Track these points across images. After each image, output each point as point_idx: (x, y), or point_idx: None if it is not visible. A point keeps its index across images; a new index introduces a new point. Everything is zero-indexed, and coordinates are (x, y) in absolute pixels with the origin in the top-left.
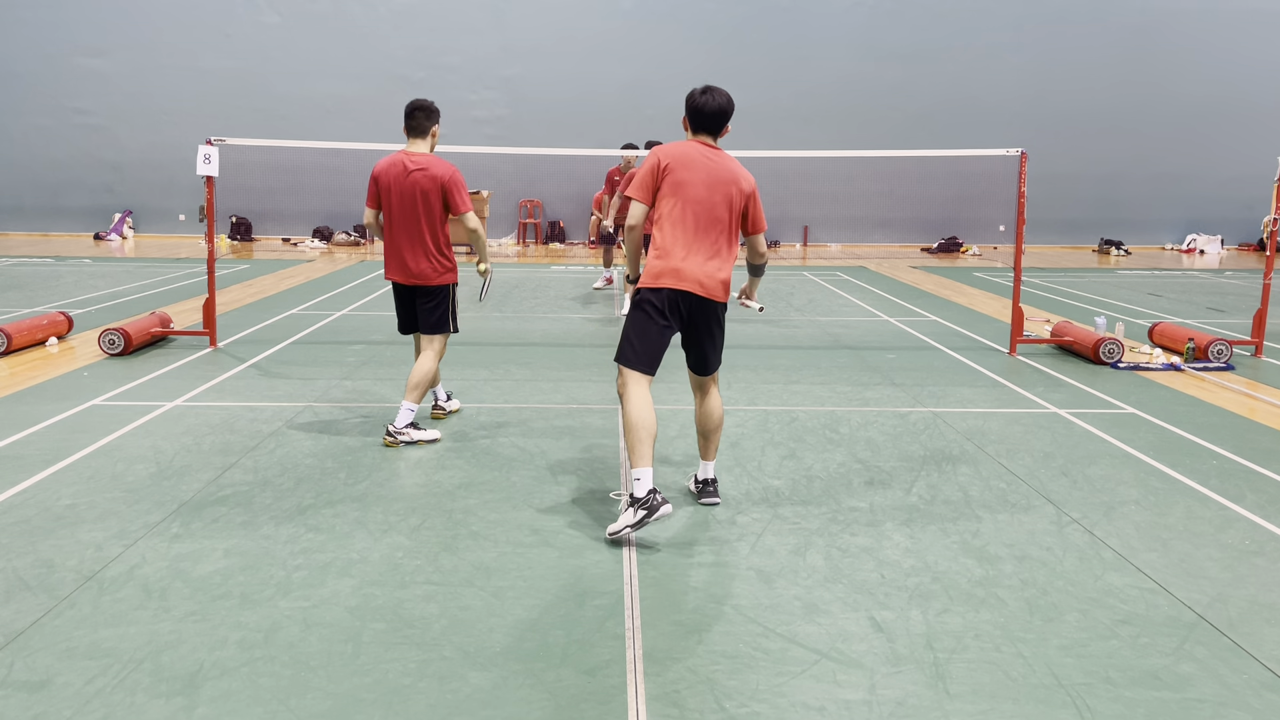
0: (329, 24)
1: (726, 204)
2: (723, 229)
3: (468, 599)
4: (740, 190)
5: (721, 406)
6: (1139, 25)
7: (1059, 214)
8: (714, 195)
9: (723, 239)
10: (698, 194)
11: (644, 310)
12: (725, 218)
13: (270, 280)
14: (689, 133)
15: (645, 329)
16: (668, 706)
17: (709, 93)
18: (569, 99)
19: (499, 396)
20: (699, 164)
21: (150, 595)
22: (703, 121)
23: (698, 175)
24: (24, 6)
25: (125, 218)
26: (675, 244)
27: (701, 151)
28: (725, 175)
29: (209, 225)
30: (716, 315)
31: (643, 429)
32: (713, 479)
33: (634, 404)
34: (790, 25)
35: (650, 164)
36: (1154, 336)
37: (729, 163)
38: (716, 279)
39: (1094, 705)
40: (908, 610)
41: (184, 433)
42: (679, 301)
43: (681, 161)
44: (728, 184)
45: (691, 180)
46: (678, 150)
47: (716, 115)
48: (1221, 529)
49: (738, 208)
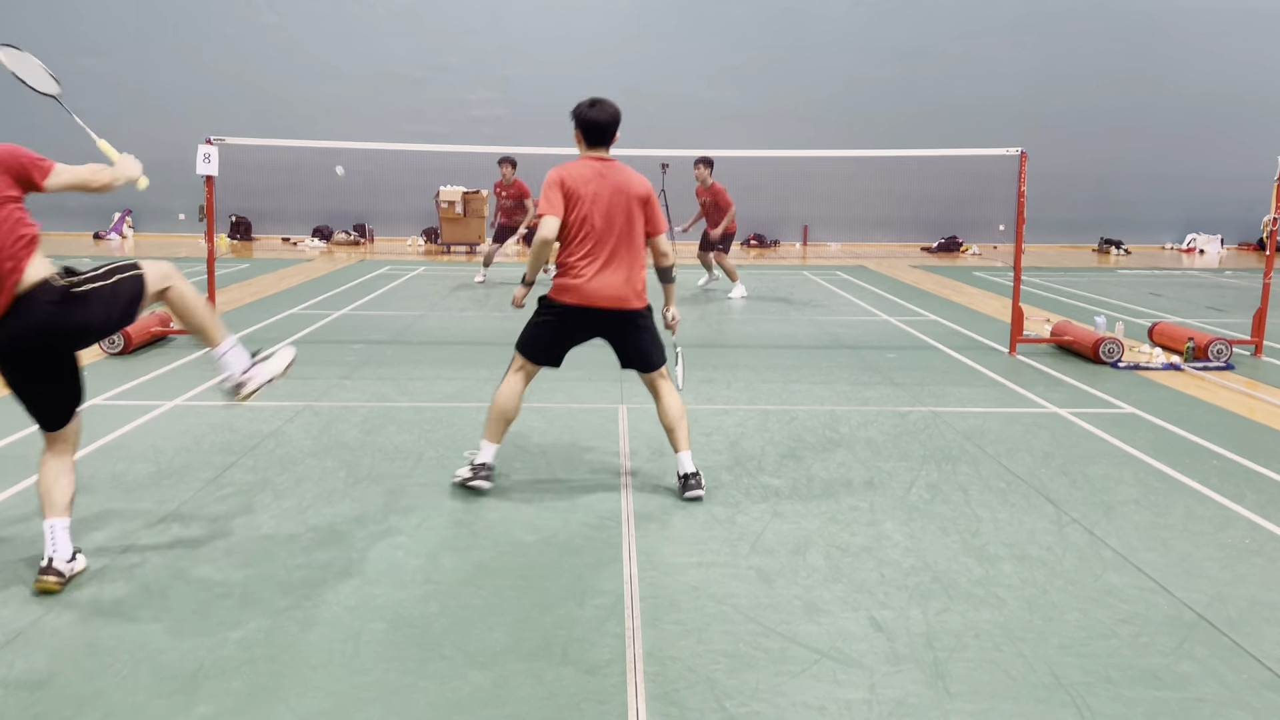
0: (328, 24)
1: (626, 214)
2: (626, 239)
3: (468, 598)
4: (638, 197)
5: (679, 399)
6: (1139, 25)
7: (1059, 214)
8: (614, 208)
9: (628, 249)
10: (599, 209)
11: (546, 317)
12: (627, 228)
13: (270, 279)
14: (583, 147)
15: (542, 333)
16: (668, 706)
17: (597, 106)
18: (567, 99)
19: None
20: (596, 180)
21: (150, 595)
22: (596, 135)
23: (597, 190)
24: (24, 6)
25: (125, 217)
26: (579, 260)
27: (596, 168)
28: (622, 186)
29: (208, 224)
30: (634, 321)
31: (500, 411)
32: (693, 472)
33: (506, 388)
34: (790, 25)
35: (554, 182)
36: (1154, 336)
37: (624, 173)
38: (625, 290)
39: (1094, 704)
40: (908, 610)
41: (184, 432)
42: (582, 315)
43: (581, 179)
44: (626, 194)
45: (592, 197)
46: (575, 170)
47: (608, 127)
48: (1221, 528)
49: (638, 215)
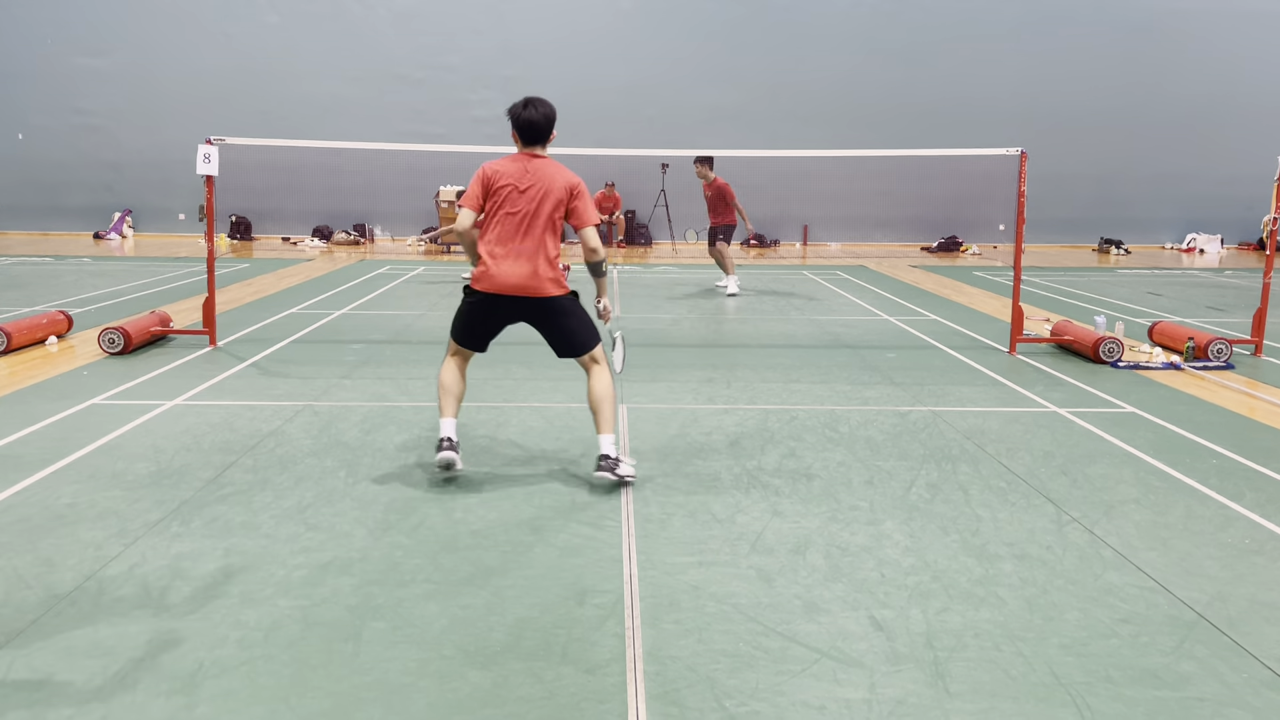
0: (329, 24)
1: (543, 207)
2: (538, 230)
3: (468, 598)
4: (563, 190)
5: (608, 383)
6: (1139, 25)
7: (1059, 213)
8: (535, 202)
9: (538, 239)
10: (514, 202)
11: (469, 301)
12: (546, 221)
13: (270, 279)
14: (519, 145)
15: (469, 319)
16: (668, 706)
17: (531, 106)
18: (569, 99)
19: (499, 396)
20: (521, 174)
21: (150, 594)
22: (529, 133)
23: (519, 184)
24: (24, 6)
25: (125, 217)
26: (497, 250)
27: (524, 165)
28: (546, 182)
29: (209, 224)
30: (552, 308)
31: (447, 389)
32: (607, 454)
33: (447, 370)
34: (790, 25)
35: (478, 178)
36: (1154, 335)
37: (552, 169)
38: (540, 278)
39: (1094, 704)
40: (908, 609)
41: (184, 432)
42: (498, 302)
43: (505, 174)
44: (549, 188)
45: (510, 190)
46: (502, 165)
47: (540, 125)
48: (1221, 528)
49: (561, 209)
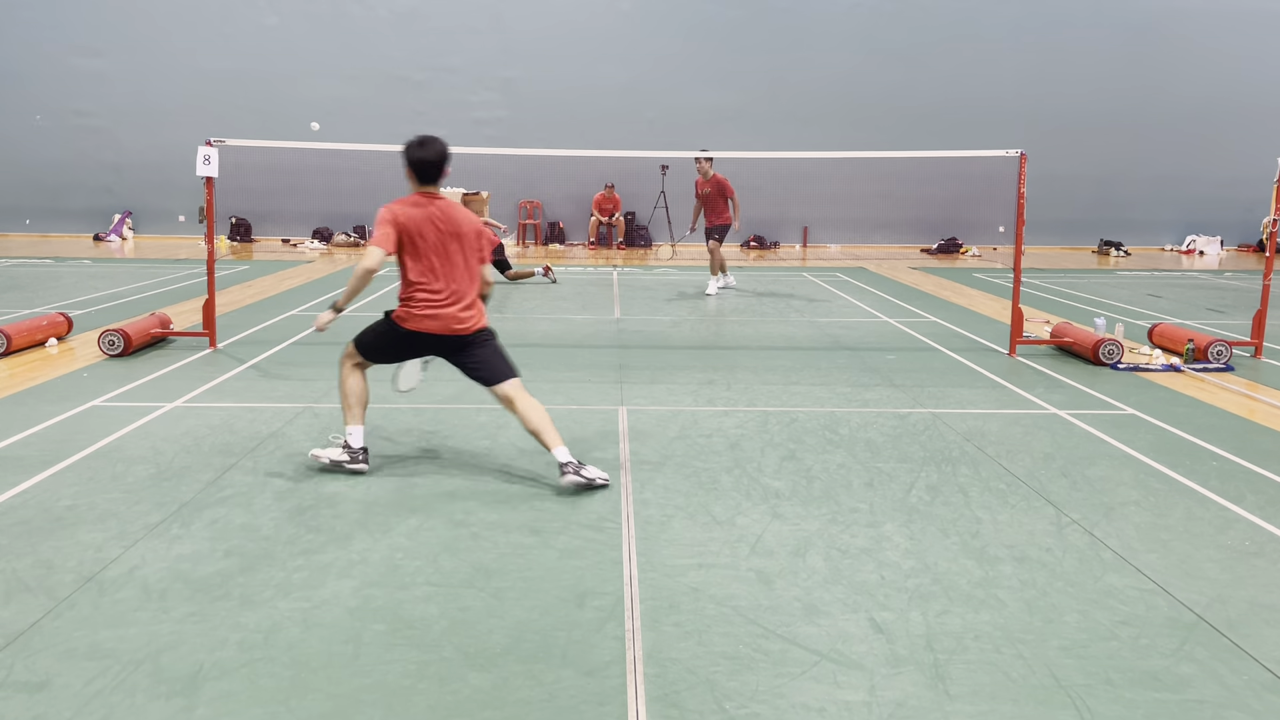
0: (328, 25)
1: (460, 248)
2: (459, 271)
3: (468, 600)
4: (469, 232)
5: (535, 405)
6: (1139, 25)
7: (1058, 215)
8: (447, 243)
9: (460, 280)
10: (431, 245)
11: (389, 331)
12: (460, 261)
13: (270, 281)
14: (414, 184)
15: (384, 345)
16: (668, 707)
17: (425, 145)
18: (569, 100)
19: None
20: (435, 216)
21: (150, 596)
22: (426, 173)
23: (427, 228)
24: (24, 6)
25: (125, 218)
26: (417, 293)
27: (425, 207)
28: (451, 223)
29: (208, 226)
30: (469, 341)
31: (354, 396)
32: (567, 460)
33: (352, 377)
34: (790, 25)
35: (388, 220)
36: (1153, 337)
37: (453, 210)
38: (462, 318)
39: (1094, 706)
40: (908, 611)
41: (184, 434)
42: (418, 337)
43: (415, 220)
44: (456, 230)
45: (424, 234)
46: (409, 208)
47: (436, 165)
48: (1221, 530)
49: (470, 248)
